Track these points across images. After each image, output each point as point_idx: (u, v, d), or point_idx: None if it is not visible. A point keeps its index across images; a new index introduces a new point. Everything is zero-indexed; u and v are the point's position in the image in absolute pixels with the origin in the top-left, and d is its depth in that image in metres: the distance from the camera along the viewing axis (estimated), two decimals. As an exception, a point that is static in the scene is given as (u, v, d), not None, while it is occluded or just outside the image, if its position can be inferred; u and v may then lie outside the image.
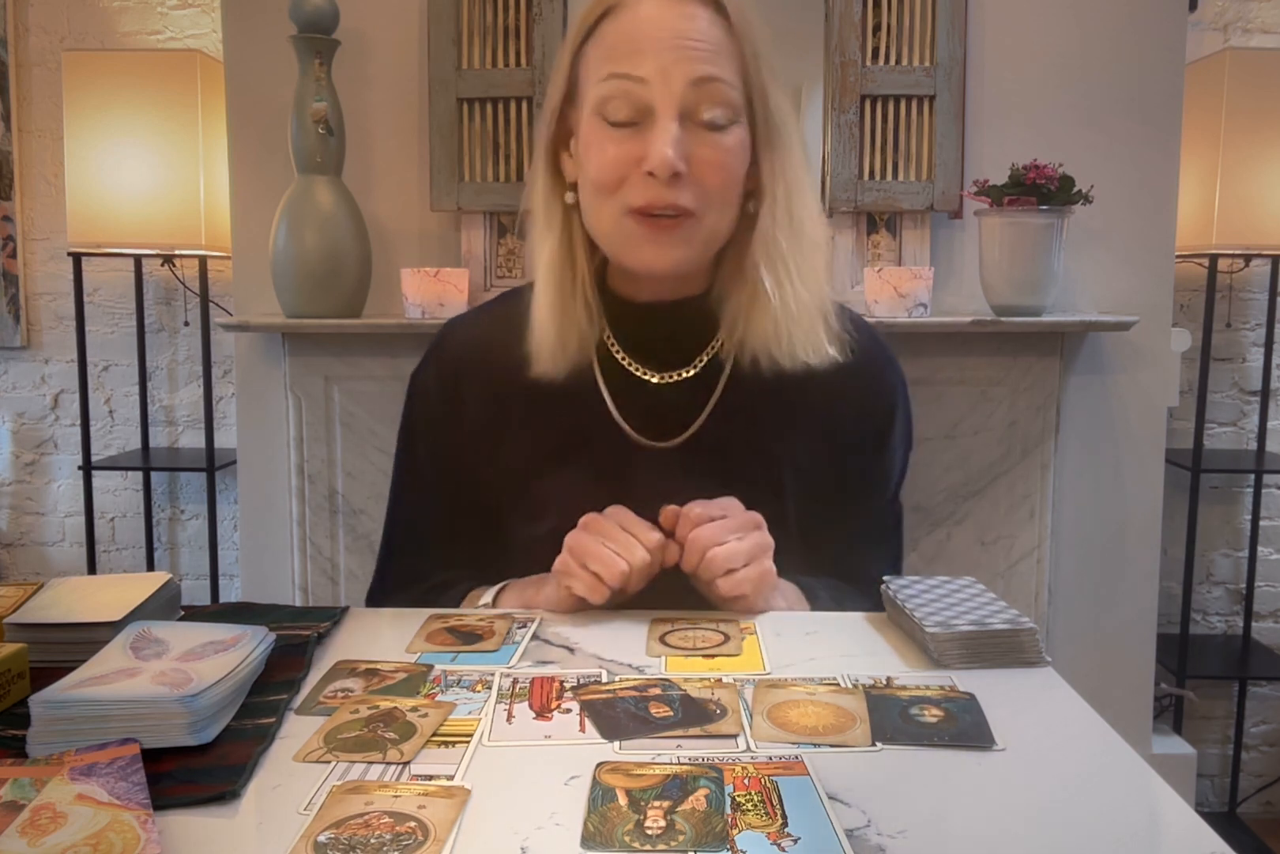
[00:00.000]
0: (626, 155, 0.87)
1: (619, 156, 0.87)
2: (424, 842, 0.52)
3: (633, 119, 0.87)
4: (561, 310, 0.93)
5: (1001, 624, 0.78)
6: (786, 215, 0.91)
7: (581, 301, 0.94)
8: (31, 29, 2.30)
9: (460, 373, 1.02)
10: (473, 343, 1.03)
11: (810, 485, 0.99)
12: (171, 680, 0.65)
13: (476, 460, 1.01)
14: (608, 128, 0.88)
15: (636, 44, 0.86)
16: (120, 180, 1.99)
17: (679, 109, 0.86)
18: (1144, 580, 1.99)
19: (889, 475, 1.04)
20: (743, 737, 0.64)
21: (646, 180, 0.86)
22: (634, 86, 0.86)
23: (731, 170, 0.89)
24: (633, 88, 0.86)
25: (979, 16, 1.89)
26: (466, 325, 1.07)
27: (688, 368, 0.97)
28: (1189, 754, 2.15)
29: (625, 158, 0.87)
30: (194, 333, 2.31)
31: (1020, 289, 1.78)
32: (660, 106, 0.86)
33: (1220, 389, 2.31)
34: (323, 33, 1.79)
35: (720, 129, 0.88)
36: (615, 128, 0.88)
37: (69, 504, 2.43)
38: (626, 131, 0.87)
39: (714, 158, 0.87)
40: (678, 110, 0.86)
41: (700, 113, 0.87)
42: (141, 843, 0.50)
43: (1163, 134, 1.91)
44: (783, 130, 0.91)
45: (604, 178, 0.88)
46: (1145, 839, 0.55)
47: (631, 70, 0.86)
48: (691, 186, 0.87)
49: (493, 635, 0.83)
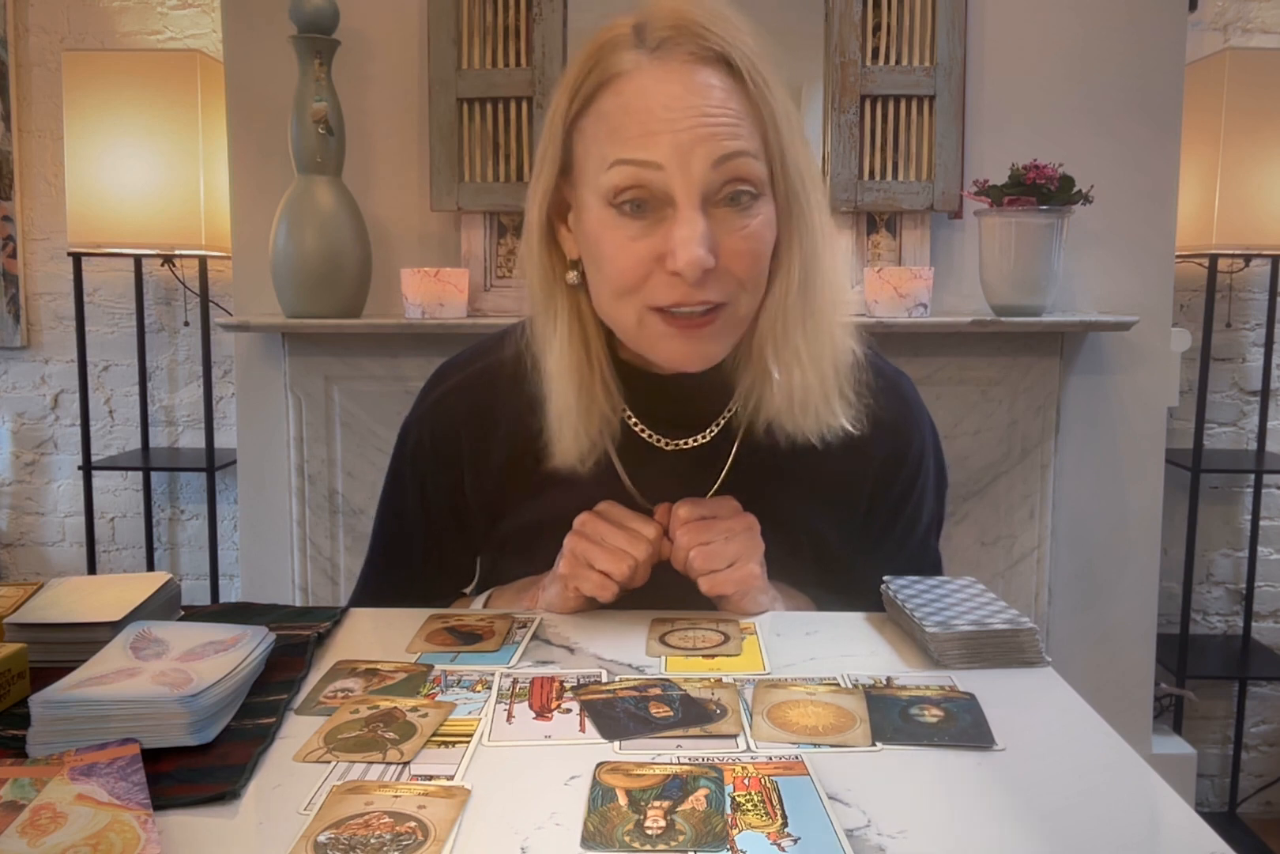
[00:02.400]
0: (647, 252, 0.77)
1: (639, 255, 0.78)
2: (424, 842, 0.52)
3: (650, 210, 0.77)
4: (582, 399, 0.85)
5: (1001, 624, 0.78)
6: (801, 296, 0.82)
7: (600, 386, 0.86)
8: (31, 29, 2.30)
9: (458, 437, 0.96)
10: (468, 406, 0.96)
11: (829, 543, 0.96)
12: (171, 680, 0.65)
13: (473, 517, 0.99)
14: (621, 220, 0.78)
15: (646, 125, 0.75)
16: (120, 180, 1.99)
17: (702, 195, 0.76)
18: (1144, 580, 1.99)
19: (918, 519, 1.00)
20: (743, 737, 0.64)
21: (672, 279, 0.77)
22: (649, 174, 0.76)
23: (762, 254, 0.80)
24: (647, 175, 0.76)
25: (979, 16, 1.89)
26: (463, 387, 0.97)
27: (701, 434, 0.92)
28: (1189, 754, 2.15)
29: (646, 255, 0.77)
30: (194, 333, 2.31)
31: (1020, 289, 1.78)
32: (681, 195, 0.76)
33: (1220, 389, 2.31)
34: (323, 33, 1.79)
35: (746, 209, 0.78)
36: (631, 220, 0.78)
37: (69, 504, 2.43)
38: (643, 224, 0.77)
39: (744, 246, 0.78)
40: (700, 197, 0.76)
41: (725, 195, 0.77)
42: (141, 843, 0.50)
43: (1163, 134, 1.91)
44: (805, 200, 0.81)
45: (625, 278, 0.79)
46: (1145, 839, 0.55)
47: (645, 156, 0.75)
48: (721, 277, 0.78)
49: (493, 635, 0.83)
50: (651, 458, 0.92)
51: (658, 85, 0.76)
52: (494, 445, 0.94)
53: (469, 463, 0.96)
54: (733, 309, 0.80)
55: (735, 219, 0.78)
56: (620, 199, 0.77)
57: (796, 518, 0.94)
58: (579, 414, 0.85)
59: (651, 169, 0.75)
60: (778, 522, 0.91)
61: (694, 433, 0.92)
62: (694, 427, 0.92)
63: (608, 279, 0.80)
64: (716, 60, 0.77)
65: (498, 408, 0.93)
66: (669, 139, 0.75)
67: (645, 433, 0.92)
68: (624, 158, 0.76)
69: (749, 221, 0.78)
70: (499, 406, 0.93)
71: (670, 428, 0.92)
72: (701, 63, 0.77)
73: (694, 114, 0.75)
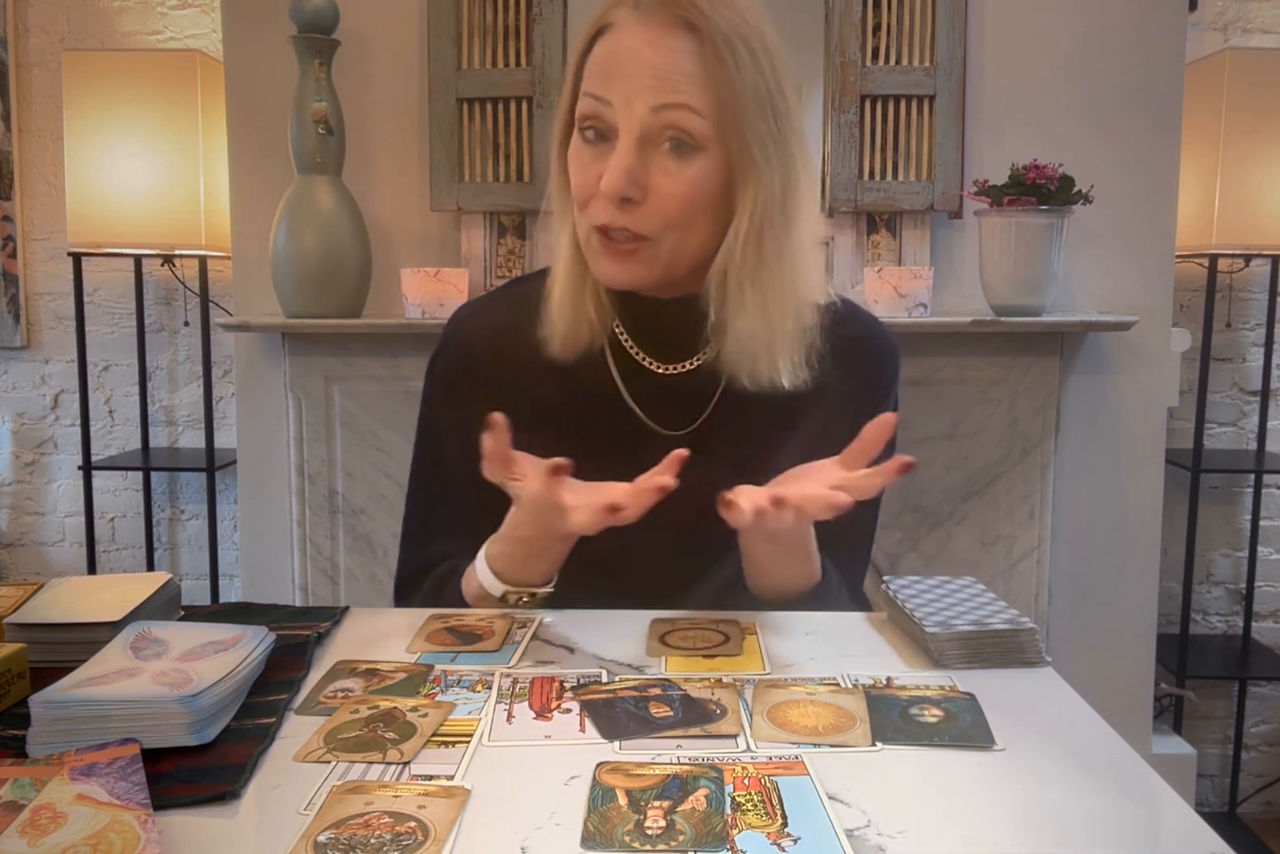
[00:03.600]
0: (595, 175, 0.90)
1: (589, 176, 0.90)
2: (424, 842, 0.52)
3: (602, 138, 0.90)
4: (574, 302, 0.97)
5: (1001, 624, 0.78)
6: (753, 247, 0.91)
7: (591, 294, 0.97)
8: (31, 29, 2.30)
9: (473, 359, 1.05)
10: (485, 329, 1.06)
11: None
12: (171, 680, 0.65)
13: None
14: (583, 146, 0.91)
15: (610, 67, 0.89)
16: (120, 180, 1.99)
17: (639, 134, 0.88)
18: (1144, 580, 1.99)
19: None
20: (743, 737, 0.64)
21: (603, 202, 0.89)
22: (603, 108, 0.89)
23: (691, 199, 0.90)
24: (602, 109, 0.89)
25: (979, 16, 1.89)
26: (478, 312, 1.10)
27: (691, 360, 1.00)
28: (1189, 754, 2.15)
29: (593, 177, 0.90)
30: (194, 333, 2.31)
31: (1020, 289, 1.79)
32: (623, 130, 0.88)
33: (1220, 389, 2.31)
34: (323, 33, 1.79)
35: (684, 157, 0.89)
36: (589, 145, 0.91)
37: (69, 504, 2.43)
38: (596, 150, 0.90)
39: (672, 187, 0.89)
40: (638, 135, 0.88)
41: (664, 138, 0.88)
42: (141, 843, 0.50)
43: (1163, 134, 1.91)
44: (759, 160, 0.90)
45: (577, 193, 0.92)
46: (1145, 839, 0.55)
47: (601, 92, 0.89)
48: (650, 213, 0.89)
49: (493, 635, 0.83)
50: (649, 381, 1.00)
51: (630, 40, 0.89)
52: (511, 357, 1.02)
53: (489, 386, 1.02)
54: (655, 244, 0.91)
55: (670, 163, 0.89)
56: (583, 125, 0.91)
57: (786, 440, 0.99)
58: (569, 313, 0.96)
59: (604, 105, 0.89)
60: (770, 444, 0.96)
61: (682, 360, 1.00)
62: (681, 353, 1.00)
63: (574, 195, 0.93)
64: (689, 28, 0.88)
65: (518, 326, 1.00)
66: (621, 83, 0.88)
67: (637, 353, 1.00)
68: (589, 92, 0.90)
69: (685, 167, 0.89)
70: (519, 326, 1.00)
71: (659, 351, 1.00)
72: (673, 27, 0.88)
73: (647, 67, 0.87)
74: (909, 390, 1.18)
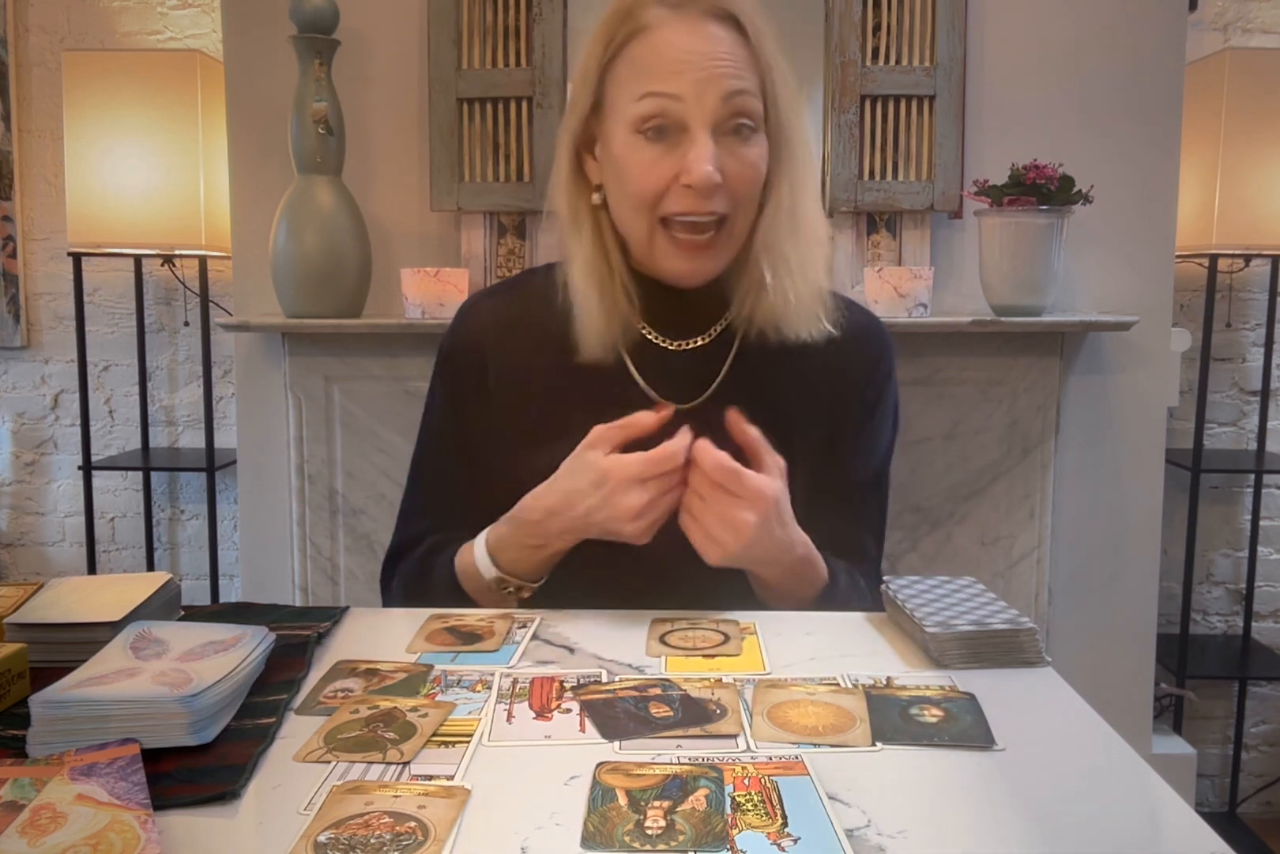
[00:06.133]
0: (667, 171, 0.94)
1: (659, 173, 0.94)
2: (424, 842, 0.52)
3: (669, 135, 0.94)
4: (604, 301, 1.00)
5: (1001, 624, 0.78)
6: (790, 215, 0.98)
7: (621, 290, 1.01)
8: (31, 29, 2.30)
9: (484, 341, 1.07)
10: (496, 314, 1.09)
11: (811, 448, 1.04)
12: (171, 680, 0.65)
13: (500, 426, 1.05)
14: (644, 144, 0.94)
15: (671, 66, 0.92)
16: (120, 180, 1.99)
17: (712, 123, 0.93)
18: (1144, 580, 1.99)
19: (878, 442, 1.10)
20: (743, 737, 0.64)
21: (685, 192, 0.93)
22: (671, 104, 0.92)
23: (757, 177, 0.96)
24: (670, 105, 0.93)
25: (979, 16, 1.89)
26: (490, 299, 1.13)
27: (702, 337, 1.04)
28: (1189, 754, 2.15)
29: (666, 173, 0.94)
30: (194, 333, 2.31)
31: (1020, 289, 1.78)
32: (695, 123, 0.92)
33: (1220, 389, 2.31)
34: (323, 33, 1.79)
35: (746, 139, 0.95)
36: (651, 143, 0.94)
37: (69, 504, 2.43)
38: (663, 147, 0.94)
39: (739, 169, 0.94)
40: (711, 125, 0.93)
41: (729, 125, 0.94)
42: (141, 843, 0.50)
43: (1163, 134, 1.91)
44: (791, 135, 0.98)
45: (645, 191, 0.95)
46: (1145, 839, 0.55)
47: (669, 89, 0.92)
48: (724, 193, 0.94)
49: (493, 635, 0.83)
50: (659, 358, 1.04)
51: (679, 36, 0.93)
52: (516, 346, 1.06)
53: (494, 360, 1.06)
54: (731, 223, 0.97)
55: (738, 147, 0.95)
56: (646, 125, 0.94)
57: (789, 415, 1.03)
58: (602, 315, 1.00)
59: (673, 100, 0.92)
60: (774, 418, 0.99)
61: (696, 336, 1.05)
62: (696, 330, 1.05)
63: (629, 196, 0.96)
64: (724, 17, 0.94)
65: (524, 317, 1.06)
66: (689, 77, 0.92)
67: (652, 335, 1.04)
68: (652, 90, 0.93)
69: (749, 150, 0.95)
70: (525, 316, 1.06)
71: (676, 331, 1.05)
72: (712, 18, 0.94)
73: (709, 58, 0.92)
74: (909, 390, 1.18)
